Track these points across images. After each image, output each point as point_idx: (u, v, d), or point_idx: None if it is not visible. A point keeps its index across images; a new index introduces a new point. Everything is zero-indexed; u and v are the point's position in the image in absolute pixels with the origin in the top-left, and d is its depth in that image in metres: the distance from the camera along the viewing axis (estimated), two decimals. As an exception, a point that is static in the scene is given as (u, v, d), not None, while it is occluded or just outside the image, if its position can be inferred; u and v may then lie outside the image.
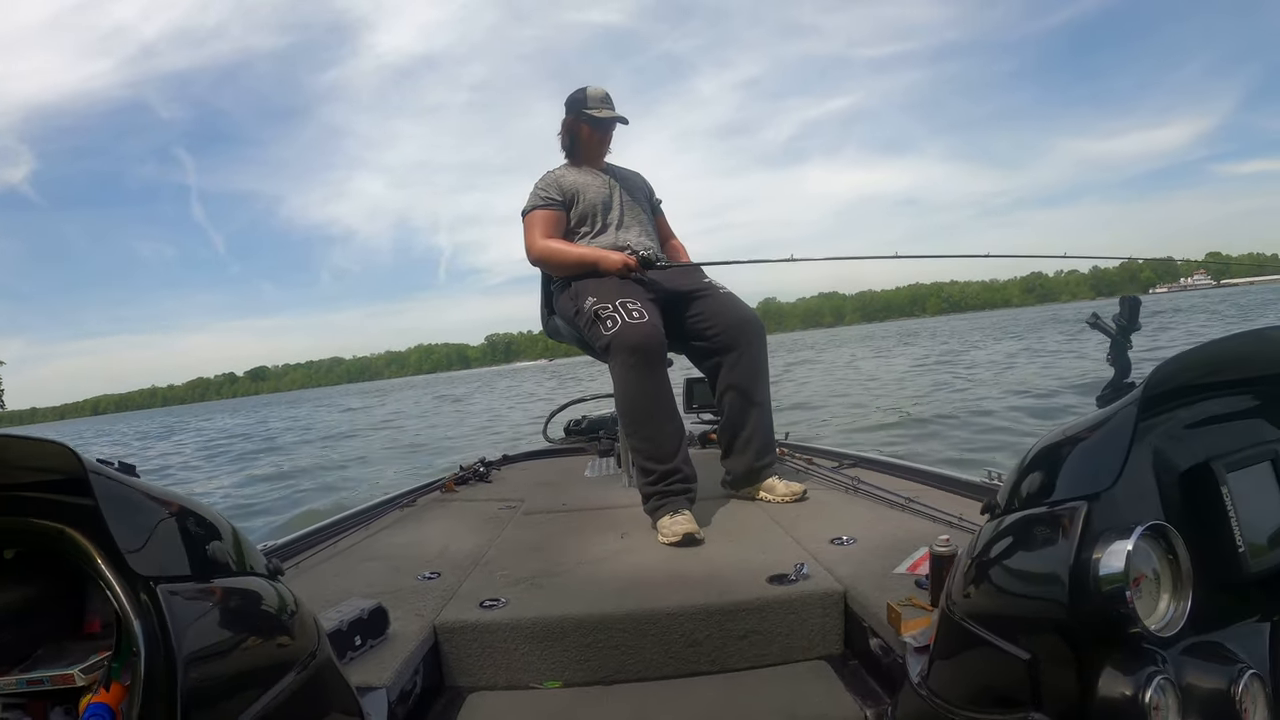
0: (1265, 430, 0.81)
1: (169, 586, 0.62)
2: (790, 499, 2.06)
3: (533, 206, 2.25)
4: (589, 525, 2.01)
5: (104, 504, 0.59)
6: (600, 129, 2.30)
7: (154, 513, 0.66)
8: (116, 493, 0.63)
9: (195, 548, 0.69)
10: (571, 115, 2.31)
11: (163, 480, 3.95)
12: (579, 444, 3.50)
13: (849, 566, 1.43)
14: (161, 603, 0.60)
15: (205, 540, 0.71)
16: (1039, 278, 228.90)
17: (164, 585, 0.61)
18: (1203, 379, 0.79)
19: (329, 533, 2.06)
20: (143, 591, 0.60)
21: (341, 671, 0.87)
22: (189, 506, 0.71)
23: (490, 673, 1.32)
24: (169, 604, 0.60)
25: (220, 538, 0.74)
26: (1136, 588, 0.63)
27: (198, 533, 0.71)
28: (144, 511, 0.65)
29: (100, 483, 0.60)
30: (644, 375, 1.95)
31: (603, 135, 2.32)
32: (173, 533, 0.67)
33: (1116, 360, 0.81)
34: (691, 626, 1.32)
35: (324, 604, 1.32)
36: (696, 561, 1.60)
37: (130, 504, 0.64)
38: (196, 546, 0.69)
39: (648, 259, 2.12)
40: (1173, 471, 0.72)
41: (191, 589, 0.66)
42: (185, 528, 0.69)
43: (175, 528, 0.68)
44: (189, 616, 0.62)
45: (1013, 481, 0.77)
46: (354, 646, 1.21)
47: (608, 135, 2.33)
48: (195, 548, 0.69)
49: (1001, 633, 0.70)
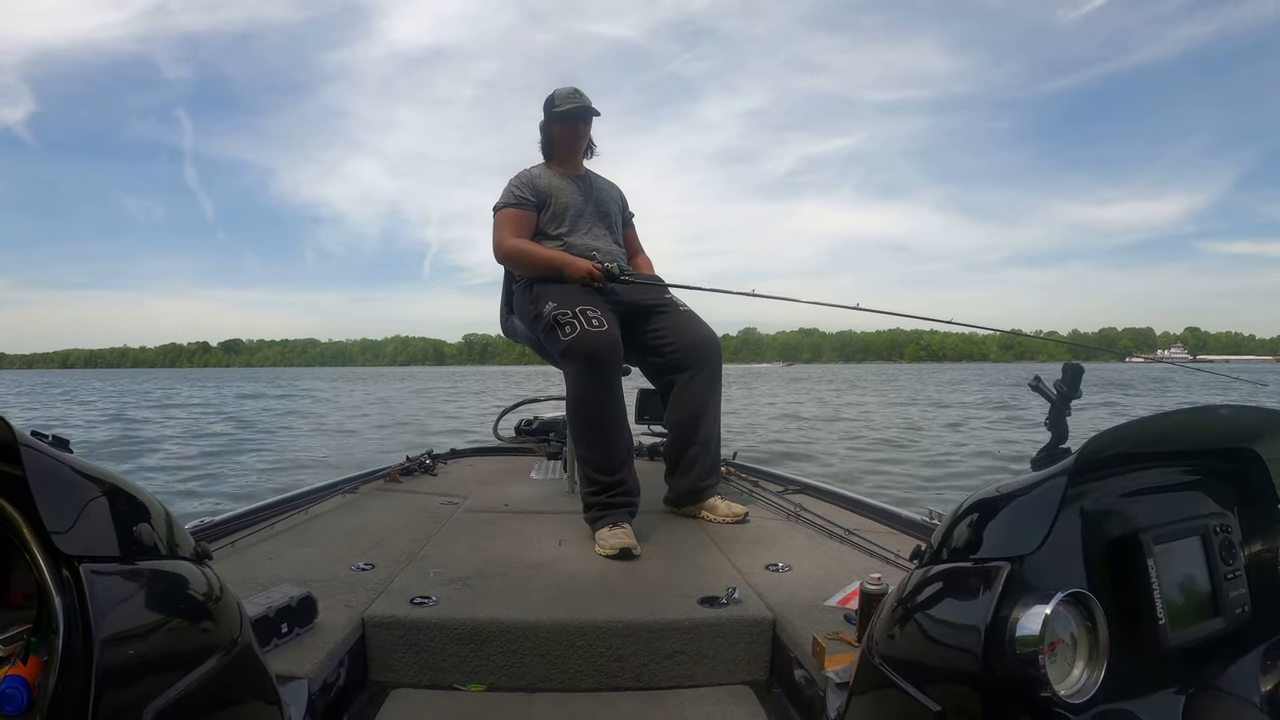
0: (1199, 504, 0.83)
1: (93, 566, 0.61)
2: (731, 520, 2.08)
3: (505, 204, 2.24)
4: (528, 529, 2.01)
5: (33, 477, 0.58)
6: (567, 121, 2.27)
7: (84, 490, 0.65)
8: (47, 467, 0.61)
9: (122, 528, 0.68)
10: (545, 118, 2.31)
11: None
12: (528, 444, 3.49)
13: (781, 594, 1.44)
14: (84, 582, 0.59)
15: (133, 521, 0.70)
16: (1019, 335, 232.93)
17: (87, 564, 0.60)
18: (1141, 449, 0.81)
19: (267, 513, 2.03)
20: (66, 569, 0.60)
21: (263, 660, 0.86)
22: (119, 485, 0.70)
23: (415, 671, 1.31)
24: (91, 584, 0.60)
25: (149, 519, 0.72)
26: (1052, 652, 0.64)
27: (126, 513, 0.70)
28: (74, 489, 0.64)
29: (30, 456, 0.59)
30: (598, 384, 1.95)
31: (573, 129, 2.29)
32: (101, 511, 0.67)
33: (1054, 425, 0.82)
34: (619, 641, 1.32)
35: (254, 588, 1.30)
36: (630, 576, 1.60)
37: (60, 480, 0.63)
38: (124, 527, 0.68)
39: (612, 271, 2.12)
40: (1101, 539, 0.74)
41: (115, 569, 0.65)
42: (114, 507, 0.68)
43: (104, 506, 0.67)
44: (111, 598, 0.61)
45: (943, 532, 0.78)
46: (280, 634, 1.19)
47: (579, 129, 2.30)
48: (122, 528, 0.68)
49: (916, 681, 0.71)
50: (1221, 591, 0.77)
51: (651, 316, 2.18)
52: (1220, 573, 0.78)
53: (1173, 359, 32.48)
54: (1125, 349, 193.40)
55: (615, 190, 2.46)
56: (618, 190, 2.48)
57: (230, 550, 1.69)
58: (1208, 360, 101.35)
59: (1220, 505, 0.85)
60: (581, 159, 2.38)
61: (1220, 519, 0.81)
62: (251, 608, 1.12)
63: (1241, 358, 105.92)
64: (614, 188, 2.47)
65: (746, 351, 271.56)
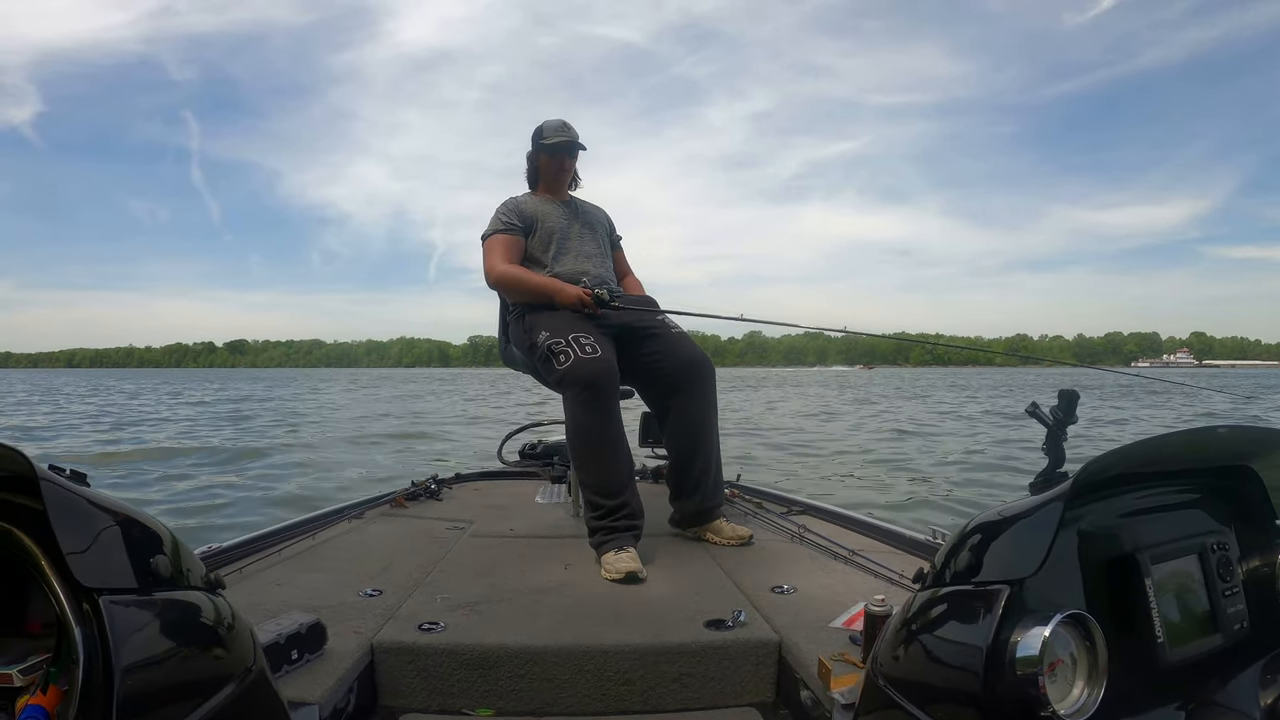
0: (1197, 522, 0.84)
1: (111, 598, 0.62)
2: (735, 542, 2.08)
3: (493, 230, 2.27)
4: (535, 553, 2.02)
5: (53, 511, 0.60)
6: (554, 154, 2.33)
7: (100, 522, 0.67)
8: (66, 501, 0.63)
9: (138, 559, 0.70)
10: (533, 148, 2.37)
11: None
12: (533, 468, 3.49)
13: (786, 616, 1.45)
14: (103, 613, 0.61)
15: (148, 552, 0.72)
16: (1024, 339, 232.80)
17: (106, 596, 0.62)
18: (1138, 470, 0.82)
19: (275, 539, 2.04)
20: (85, 601, 0.61)
21: (275, 686, 0.88)
22: (134, 517, 0.72)
23: (424, 696, 1.32)
24: (110, 614, 0.61)
25: (163, 549, 0.74)
26: (1051, 672, 0.65)
27: (141, 543, 0.71)
28: (91, 521, 0.66)
29: (50, 490, 0.61)
30: (595, 410, 1.96)
31: (559, 162, 2.35)
32: (117, 543, 0.68)
33: (1051, 450, 0.84)
34: (626, 665, 1.33)
35: (264, 614, 1.31)
36: (636, 600, 1.61)
37: (78, 513, 0.65)
38: (140, 558, 0.70)
39: (602, 298, 2.13)
40: (1099, 560, 0.75)
41: (132, 600, 0.66)
42: (130, 538, 0.70)
43: (120, 538, 0.69)
44: (129, 628, 0.63)
45: (945, 555, 0.80)
46: (290, 661, 1.19)
47: (564, 161, 2.35)
48: (138, 559, 0.70)
49: (919, 702, 0.72)
50: (1220, 608, 0.78)
51: (644, 340, 2.20)
52: (1218, 590, 0.79)
53: (1178, 363, 31.88)
54: (1131, 353, 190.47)
55: (601, 213, 2.50)
56: (604, 213, 2.51)
57: (239, 576, 1.70)
58: (1213, 365, 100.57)
59: (1218, 523, 0.86)
60: (566, 189, 2.42)
61: (1218, 536, 0.83)
62: (262, 634, 1.13)
63: (1247, 363, 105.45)
64: (600, 211, 2.50)
65: (752, 355, 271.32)
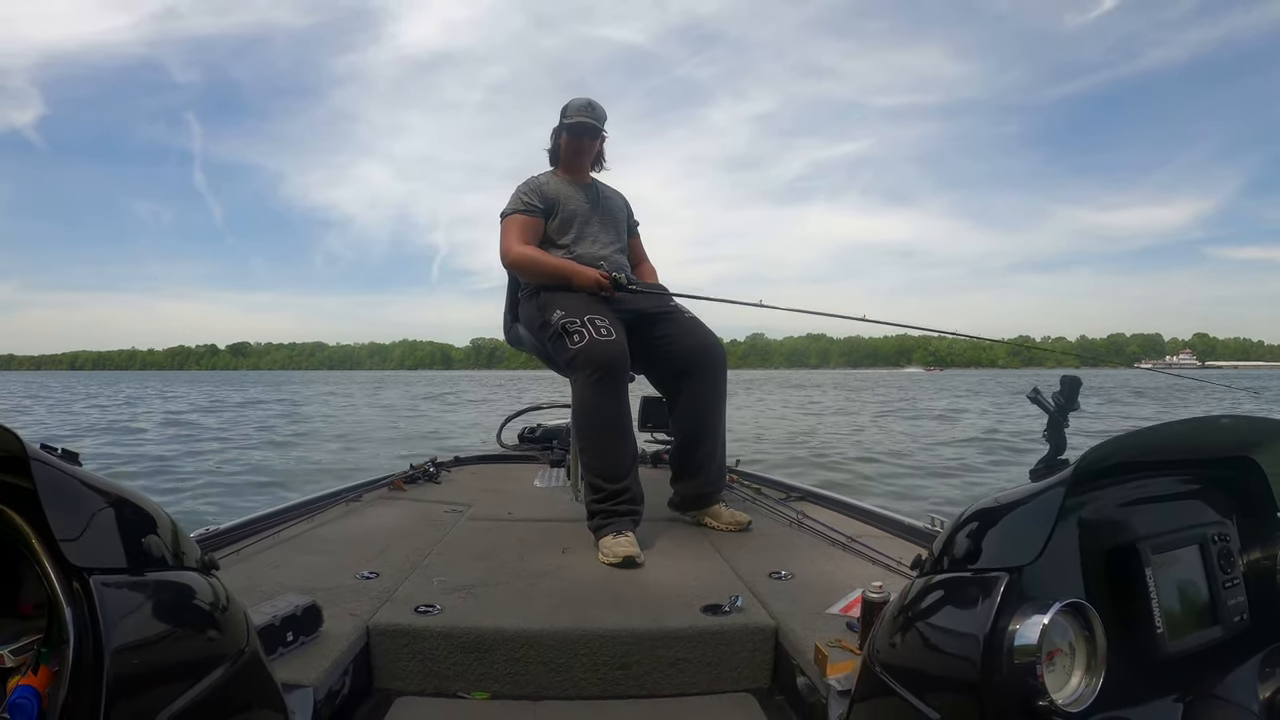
0: (1198, 513, 0.83)
1: (102, 578, 0.62)
2: (734, 528, 2.08)
3: (513, 210, 2.25)
4: (532, 537, 2.02)
5: (43, 491, 0.59)
6: (573, 134, 2.29)
7: (92, 503, 0.67)
8: (57, 480, 0.63)
9: (131, 539, 0.69)
10: (558, 124, 2.33)
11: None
12: (531, 452, 3.49)
13: (784, 602, 1.45)
14: (94, 594, 0.60)
15: (141, 532, 0.71)
16: (1027, 340, 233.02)
17: (97, 576, 0.61)
18: (1139, 459, 0.81)
19: (272, 521, 2.04)
20: (76, 581, 0.61)
21: (269, 668, 0.87)
22: (127, 497, 0.72)
23: (419, 679, 1.32)
24: (101, 595, 0.61)
25: (156, 530, 0.74)
26: (1050, 661, 0.64)
27: (134, 524, 0.71)
28: (83, 501, 0.65)
29: (41, 469, 0.60)
30: (605, 393, 1.96)
31: (578, 143, 2.31)
32: (109, 523, 0.68)
33: (1052, 437, 0.83)
34: (623, 650, 1.33)
35: (260, 596, 1.31)
36: (634, 584, 1.61)
37: (70, 493, 0.64)
38: (132, 538, 0.70)
39: (619, 281, 2.13)
40: (1099, 549, 0.74)
41: (124, 581, 0.66)
42: (122, 519, 0.69)
43: (112, 518, 0.68)
44: (120, 609, 0.62)
45: (943, 541, 0.79)
46: (285, 642, 1.20)
47: (583, 142, 2.31)
48: (131, 539, 0.69)
49: (916, 690, 0.71)
50: (1220, 600, 0.78)
51: (657, 323, 2.19)
52: (1219, 581, 0.78)
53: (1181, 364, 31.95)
54: (1134, 354, 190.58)
55: (621, 199, 2.48)
56: (623, 199, 2.49)
57: (235, 559, 1.70)
58: (1216, 366, 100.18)
59: (1219, 514, 0.85)
60: (588, 170, 2.39)
61: (1219, 528, 0.82)
62: (257, 616, 1.13)
63: (1250, 363, 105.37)
64: (620, 196, 2.48)
65: (754, 357, 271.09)
